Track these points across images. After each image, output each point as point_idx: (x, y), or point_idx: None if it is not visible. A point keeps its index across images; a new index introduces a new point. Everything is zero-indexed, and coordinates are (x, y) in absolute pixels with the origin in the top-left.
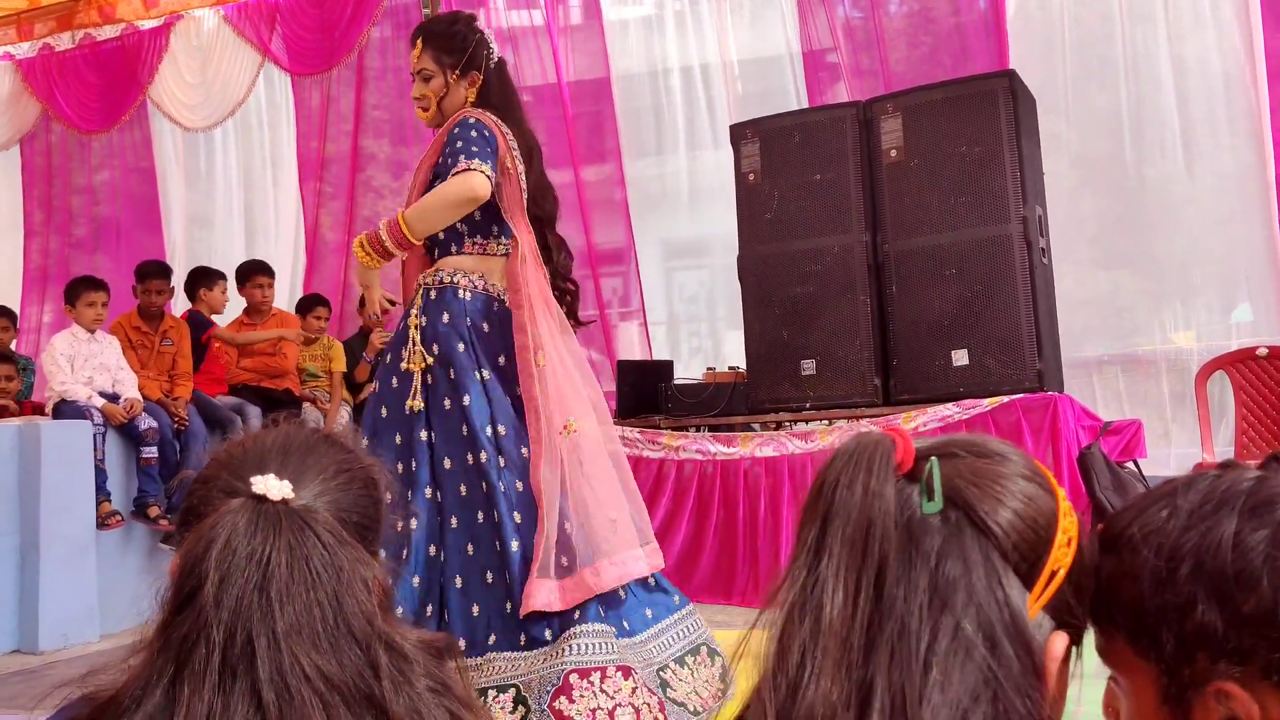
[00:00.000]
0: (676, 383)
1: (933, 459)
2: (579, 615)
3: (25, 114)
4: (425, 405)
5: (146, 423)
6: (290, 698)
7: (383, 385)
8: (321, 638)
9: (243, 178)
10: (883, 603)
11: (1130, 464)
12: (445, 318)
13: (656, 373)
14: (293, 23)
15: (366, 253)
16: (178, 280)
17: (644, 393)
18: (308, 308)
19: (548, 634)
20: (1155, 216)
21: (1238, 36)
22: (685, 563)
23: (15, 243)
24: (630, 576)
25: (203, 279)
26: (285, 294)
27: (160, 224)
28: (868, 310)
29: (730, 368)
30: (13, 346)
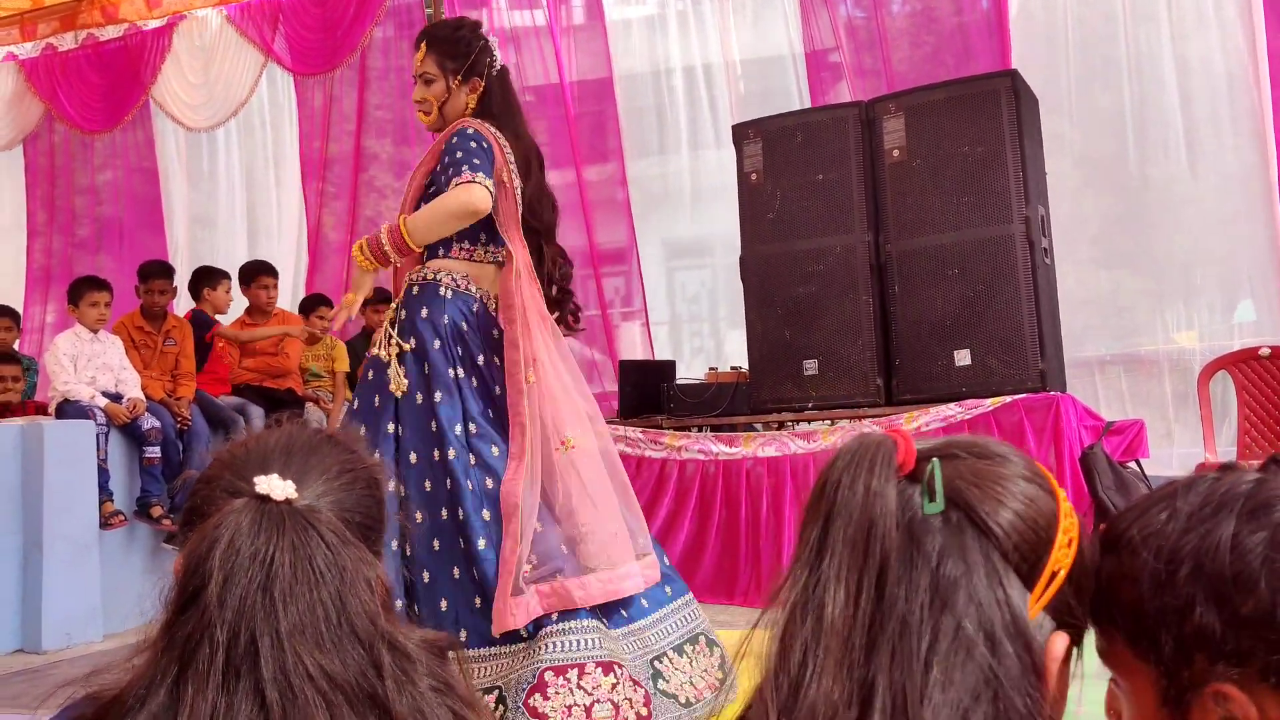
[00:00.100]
0: (679, 383)
1: (934, 460)
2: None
3: (28, 114)
4: (397, 401)
5: (149, 422)
6: (294, 697)
7: (361, 378)
8: (325, 637)
9: (245, 178)
10: (884, 602)
11: (1133, 464)
12: (424, 312)
13: (659, 373)
14: (295, 23)
15: (366, 257)
16: (181, 280)
17: (646, 393)
18: (310, 308)
19: (523, 631)
20: (1158, 216)
21: (1241, 36)
22: (687, 563)
23: (18, 243)
24: (620, 594)
25: (206, 279)
26: (288, 294)
27: (163, 224)
28: (870, 310)
29: (732, 368)
30: (16, 346)
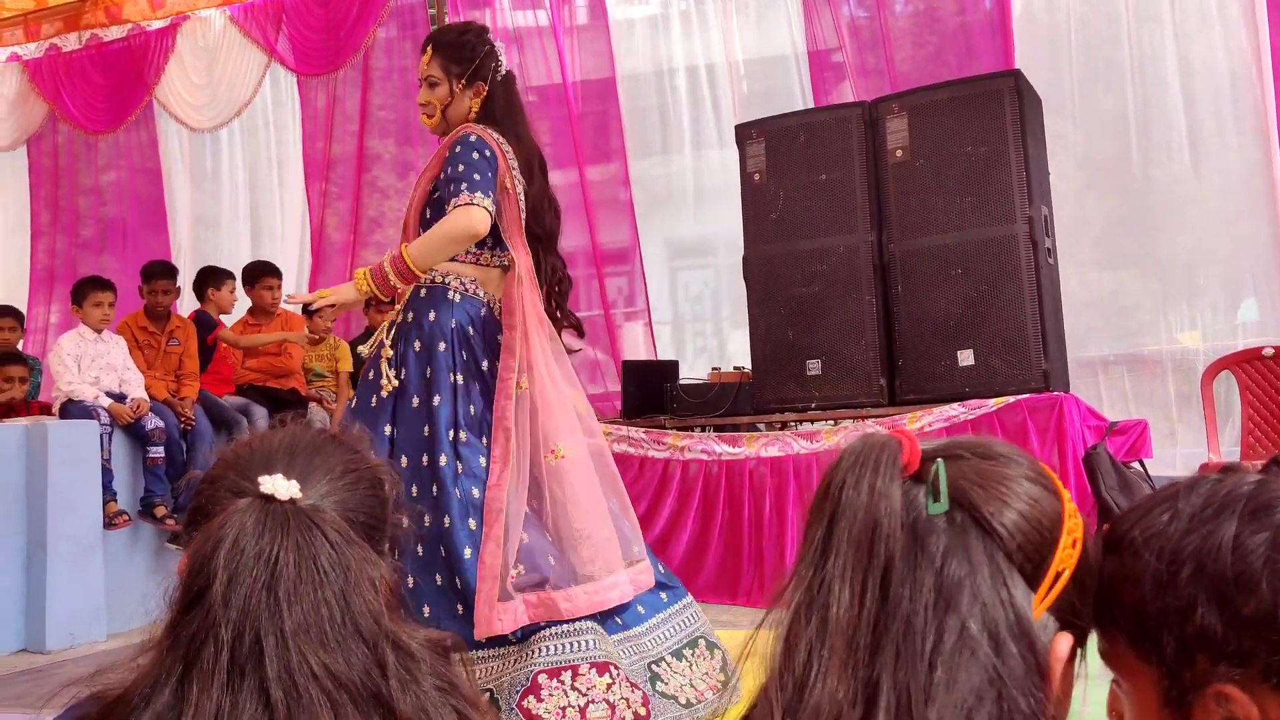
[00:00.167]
0: (681, 383)
1: (939, 460)
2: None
3: (32, 114)
4: (394, 402)
5: (153, 422)
6: (298, 696)
7: (362, 377)
8: (329, 636)
9: (248, 178)
10: (888, 603)
11: (1136, 464)
12: (432, 315)
13: (661, 373)
14: (299, 23)
15: (370, 286)
16: (186, 280)
17: (649, 393)
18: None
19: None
20: (1161, 217)
21: (1244, 37)
22: (690, 563)
23: (22, 243)
24: (606, 605)
25: (211, 279)
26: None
27: (166, 224)
28: (873, 310)
29: (735, 368)
30: (20, 347)
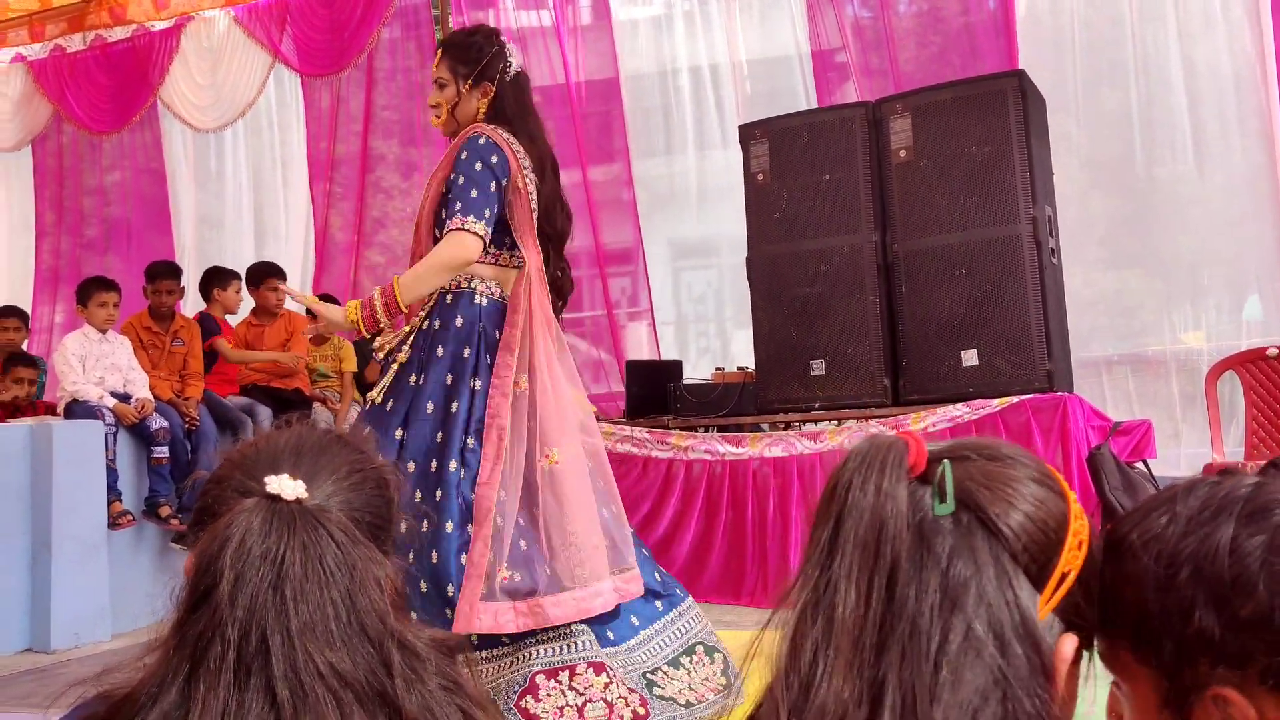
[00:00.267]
0: (685, 383)
1: (945, 461)
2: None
3: (37, 115)
4: (409, 406)
5: (158, 423)
6: (304, 695)
7: (378, 379)
8: (335, 635)
9: (253, 178)
10: (894, 603)
11: (1140, 464)
12: (459, 321)
13: (665, 373)
14: (303, 24)
15: (358, 319)
16: (190, 281)
17: (652, 393)
18: None
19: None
20: (1165, 217)
21: (1248, 37)
22: (694, 563)
23: (27, 243)
24: (590, 613)
25: (217, 279)
26: None
27: (170, 225)
28: (877, 310)
29: (739, 368)
30: (24, 347)
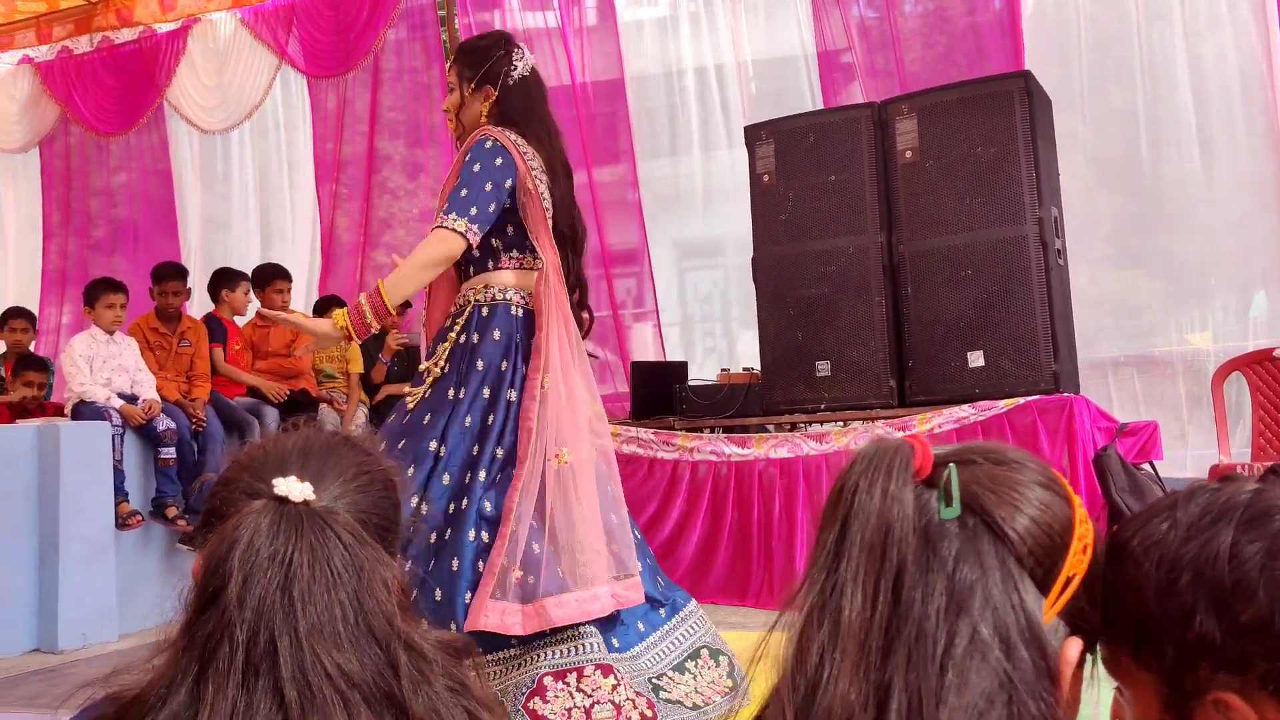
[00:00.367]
0: (691, 384)
1: (951, 465)
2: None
3: (44, 116)
4: (446, 419)
5: (165, 424)
6: (312, 696)
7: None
8: (342, 637)
9: (259, 180)
10: (900, 606)
11: (1146, 466)
12: (496, 334)
13: (670, 374)
14: (309, 25)
15: (348, 326)
16: (196, 282)
17: (658, 394)
18: (323, 310)
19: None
20: (1171, 216)
21: (1254, 35)
22: (699, 564)
23: (34, 244)
24: (590, 615)
25: (225, 280)
26: (301, 296)
27: (176, 226)
28: (883, 311)
29: (744, 369)
30: (31, 347)
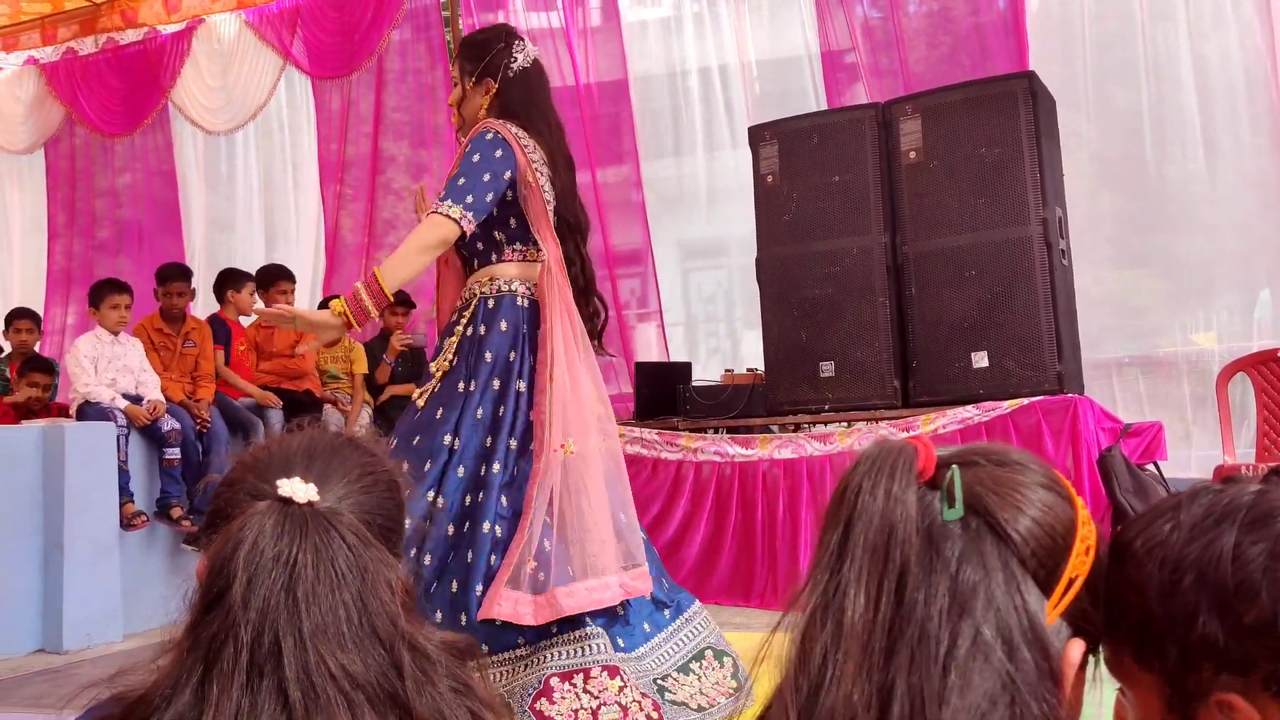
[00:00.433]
0: (694, 384)
1: (954, 467)
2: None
3: (49, 117)
4: (459, 412)
5: (169, 424)
6: (316, 696)
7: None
8: (346, 638)
9: (263, 181)
10: (903, 607)
11: (1151, 466)
12: (504, 325)
13: (674, 374)
14: (314, 26)
15: (347, 314)
16: (201, 283)
17: (662, 394)
18: None
19: (520, 640)
20: (1176, 216)
21: (1259, 35)
22: (703, 565)
23: (39, 245)
24: (600, 604)
25: (231, 281)
26: (305, 297)
27: (180, 227)
28: (887, 312)
29: (748, 369)
30: (36, 348)
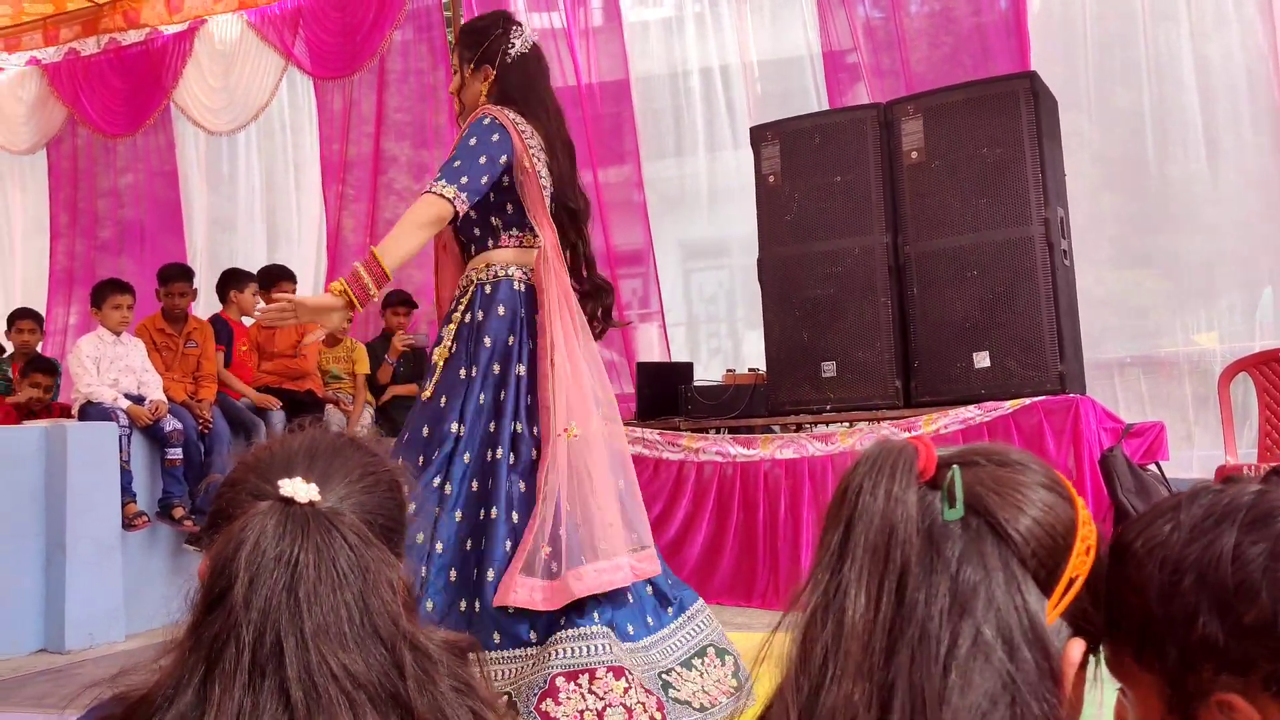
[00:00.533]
0: (696, 384)
1: (954, 467)
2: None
3: (51, 118)
4: (462, 399)
5: (171, 424)
6: (318, 696)
7: (427, 377)
8: (348, 637)
9: (265, 181)
10: (904, 607)
11: (1152, 466)
12: (501, 310)
13: (676, 374)
14: (315, 27)
15: (350, 294)
16: (203, 283)
17: (663, 394)
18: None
19: (531, 635)
20: (1177, 216)
21: (1261, 35)
22: (705, 565)
23: (41, 245)
24: (610, 586)
25: (233, 281)
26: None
27: (182, 227)
28: (888, 312)
29: (750, 369)
30: (39, 348)
